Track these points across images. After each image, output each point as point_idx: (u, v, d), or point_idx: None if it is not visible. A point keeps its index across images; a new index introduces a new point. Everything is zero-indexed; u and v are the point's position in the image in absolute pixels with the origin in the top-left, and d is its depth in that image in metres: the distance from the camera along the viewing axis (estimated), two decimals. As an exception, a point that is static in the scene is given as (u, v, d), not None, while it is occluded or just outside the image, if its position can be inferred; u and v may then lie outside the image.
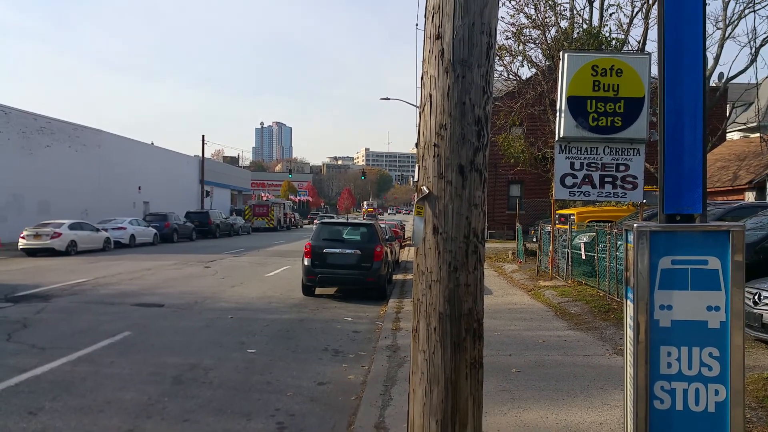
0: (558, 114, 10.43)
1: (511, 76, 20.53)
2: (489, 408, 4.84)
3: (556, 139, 10.53)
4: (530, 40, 19.04)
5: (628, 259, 2.80)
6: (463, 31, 3.05)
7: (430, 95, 3.15)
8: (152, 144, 48.65)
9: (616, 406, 5.38)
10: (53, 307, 10.70)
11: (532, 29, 18.82)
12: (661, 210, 2.71)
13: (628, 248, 2.77)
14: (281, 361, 7.39)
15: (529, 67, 20.30)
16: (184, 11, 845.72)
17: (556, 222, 15.12)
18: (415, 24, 25.90)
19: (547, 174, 20.45)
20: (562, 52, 10.68)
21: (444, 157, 3.08)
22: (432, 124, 3.14)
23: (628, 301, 2.80)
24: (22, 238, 22.13)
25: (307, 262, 12.64)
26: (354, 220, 16.33)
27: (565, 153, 10.56)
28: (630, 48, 19.44)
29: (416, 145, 3.35)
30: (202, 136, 49.94)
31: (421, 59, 3.29)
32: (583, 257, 12.52)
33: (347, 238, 13.21)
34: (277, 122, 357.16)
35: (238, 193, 69.58)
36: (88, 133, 35.68)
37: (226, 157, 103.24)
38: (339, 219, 23.67)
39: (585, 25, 19.39)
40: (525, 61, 19.52)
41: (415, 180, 3.36)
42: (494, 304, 11.18)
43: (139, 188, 40.95)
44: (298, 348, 8.12)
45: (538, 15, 18.55)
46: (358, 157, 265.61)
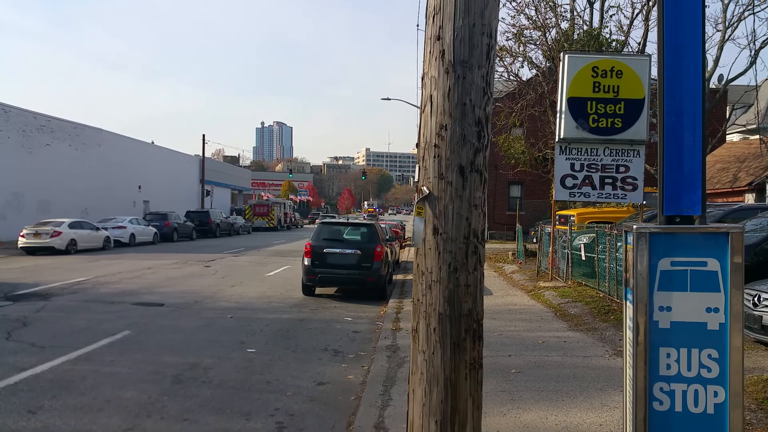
0: (558, 115, 10.44)
1: (512, 77, 20.56)
2: (488, 408, 4.84)
3: (557, 140, 10.53)
4: (531, 41, 19.07)
5: (627, 260, 2.80)
6: (464, 32, 3.05)
7: (431, 96, 3.15)
8: (152, 143, 48.67)
9: (616, 407, 5.39)
10: (53, 306, 10.71)
11: (532, 30, 18.86)
12: (661, 211, 2.72)
13: (628, 249, 2.77)
14: (281, 360, 7.40)
15: (529, 68, 20.35)
16: (184, 11, 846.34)
17: (556, 223, 15.13)
18: (416, 25, 25.95)
19: (547, 175, 20.45)
20: (562, 54, 10.69)
21: (444, 158, 3.08)
22: (432, 124, 3.14)
23: (628, 303, 2.80)
24: (22, 236, 22.14)
25: (307, 262, 12.65)
26: (354, 220, 16.32)
27: (566, 154, 10.57)
28: (630, 49, 19.45)
29: (417, 146, 3.36)
30: (203, 136, 50.01)
31: (422, 60, 3.29)
32: (583, 258, 12.53)
33: (347, 238, 13.22)
34: (277, 122, 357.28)
35: (239, 193, 69.58)
36: (89, 132, 35.70)
37: (227, 157, 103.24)
38: (340, 219, 23.65)
39: (585, 27, 19.39)
40: (525, 62, 19.56)
41: (416, 180, 3.36)
42: (494, 305, 11.19)
43: (140, 187, 40.96)
44: (298, 348, 8.13)
45: (539, 16, 18.57)
46: (358, 157, 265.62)
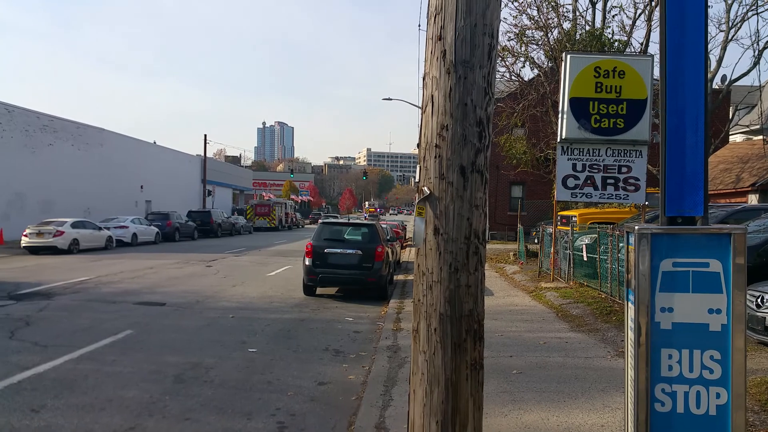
0: (560, 115, 10.41)
1: (514, 78, 20.51)
2: (489, 409, 4.83)
3: (558, 140, 10.51)
4: (533, 42, 19.01)
5: (629, 261, 2.79)
6: (465, 33, 3.05)
7: (432, 96, 3.15)
8: (154, 143, 48.73)
9: (618, 408, 5.38)
10: (56, 305, 10.73)
11: (534, 30, 18.80)
12: (663, 212, 2.71)
13: (629, 250, 2.77)
14: (282, 360, 7.40)
15: (531, 68, 20.28)
16: (186, 11, 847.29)
17: (558, 223, 15.11)
18: (418, 25, 25.94)
19: (548, 175, 20.41)
20: (564, 54, 10.66)
21: (445, 158, 3.08)
22: (433, 124, 3.13)
23: (629, 303, 2.79)
24: (25, 236, 22.18)
25: (308, 262, 12.65)
26: (355, 220, 16.33)
27: (567, 154, 10.54)
28: (632, 50, 19.40)
29: (418, 146, 3.35)
30: (204, 136, 49.97)
31: (423, 60, 3.29)
32: (585, 259, 12.51)
33: (348, 238, 13.21)
34: (279, 122, 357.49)
35: (240, 193, 69.63)
36: (91, 132, 35.76)
37: (228, 157, 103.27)
38: (341, 219, 23.64)
39: (587, 27, 19.36)
40: (527, 63, 19.49)
41: (417, 181, 3.35)
42: (495, 306, 11.18)
43: (142, 187, 41.02)
44: (299, 348, 8.13)
45: (541, 16, 18.52)
46: (359, 158, 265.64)
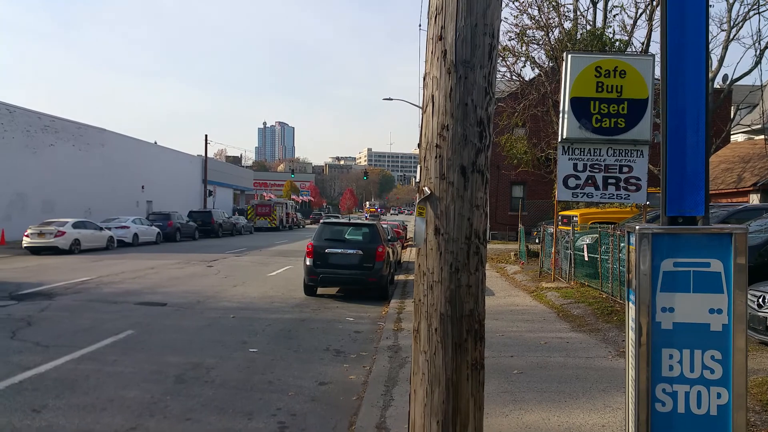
0: (561, 115, 10.40)
1: (515, 77, 20.49)
2: (490, 409, 4.83)
3: (559, 140, 10.49)
4: (534, 41, 19.00)
5: (629, 261, 2.79)
6: (466, 32, 3.04)
7: (433, 96, 3.14)
8: (155, 143, 48.76)
9: (619, 408, 5.37)
10: (57, 305, 10.74)
11: (535, 30, 18.78)
12: (663, 212, 2.70)
13: (630, 250, 2.76)
14: (283, 360, 7.40)
15: (532, 68, 20.26)
16: (186, 11, 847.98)
17: (559, 223, 15.10)
18: (418, 24, 25.93)
19: (549, 175, 20.40)
20: (565, 53, 10.64)
21: (446, 158, 3.08)
22: (434, 125, 3.13)
23: (630, 303, 2.79)
24: (26, 236, 22.20)
25: (309, 262, 12.65)
26: (356, 221, 16.33)
27: (568, 154, 10.53)
28: (633, 49, 19.38)
29: (418, 146, 3.35)
30: (205, 136, 49.97)
31: (424, 60, 3.28)
32: (586, 259, 12.51)
33: (349, 238, 13.21)
34: (279, 122, 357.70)
35: (241, 193, 69.67)
36: (92, 132, 35.79)
37: (229, 157, 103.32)
38: (342, 219, 23.62)
39: (588, 27, 19.33)
40: (528, 62, 19.48)
41: (417, 181, 3.35)
42: (496, 306, 11.18)
43: (143, 187, 41.05)
44: (300, 348, 8.13)
45: (542, 16, 18.50)
46: (360, 158, 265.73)
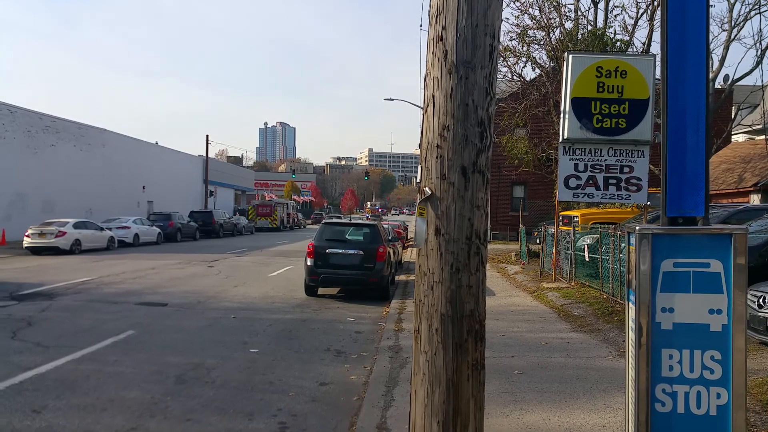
0: (562, 115, 10.39)
1: (515, 78, 20.48)
2: (491, 410, 4.83)
3: (560, 140, 10.49)
4: (534, 41, 19.00)
5: (629, 261, 2.80)
6: (467, 33, 3.05)
7: (433, 96, 3.15)
8: (156, 143, 48.82)
9: (619, 408, 5.37)
10: (57, 306, 10.74)
11: (536, 30, 18.78)
12: (664, 212, 2.71)
13: (630, 250, 2.77)
14: (283, 361, 7.40)
15: (533, 68, 20.26)
16: (188, 11, 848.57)
17: (560, 223, 15.10)
18: (419, 25, 25.96)
19: (550, 175, 20.40)
20: (566, 54, 10.64)
21: (447, 159, 3.08)
22: (435, 125, 3.13)
23: (630, 304, 2.79)
24: (27, 236, 22.21)
25: (309, 263, 12.65)
26: (357, 221, 16.33)
27: (569, 154, 10.52)
28: (635, 49, 19.38)
29: (419, 146, 3.35)
30: (206, 136, 49.98)
31: (425, 60, 3.29)
32: (587, 259, 12.50)
33: (350, 238, 13.21)
34: (280, 122, 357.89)
35: (242, 193, 69.69)
36: (93, 133, 35.82)
37: (230, 157, 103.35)
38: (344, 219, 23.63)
39: (590, 27, 19.33)
40: (529, 63, 19.49)
41: (418, 181, 3.35)
42: (497, 306, 11.17)
43: (143, 187, 41.07)
44: (301, 348, 8.13)
45: (543, 16, 18.51)
46: (361, 158, 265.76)
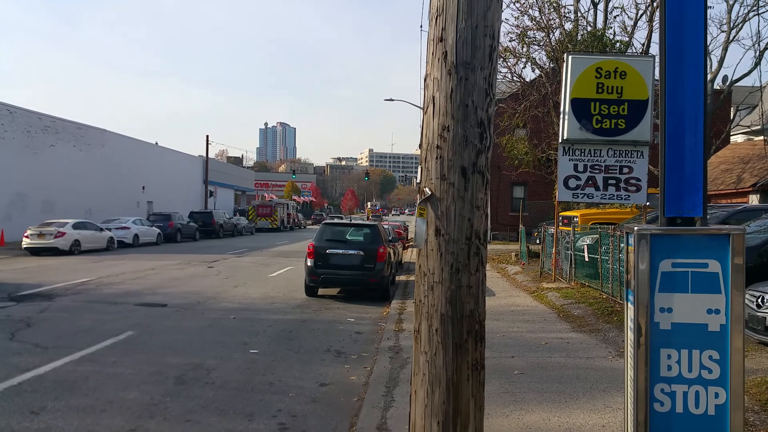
0: (561, 116, 10.41)
1: (515, 78, 20.51)
2: (491, 410, 4.84)
3: (560, 141, 10.50)
4: (534, 42, 19.03)
5: (628, 261, 2.81)
6: (466, 34, 3.06)
7: (433, 97, 3.16)
8: (156, 144, 48.81)
9: (619, 408, 5.37)
10: (57, 307, 10.74)
11: (536, 31, 18.82)
12: (662, 213, 2.72)
13: (629, 251, 2.78)
14: (283, 361, 7.40)
15: (533, 69, 20.30)
16: (188, 11, 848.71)
17: (560, 224, 15.11)
18: (420, 26, 26.01)
19: (550, 176, 20.42)
20: (566, 54, 10.66)
21: (446, 159, 3.09)
22: (435, 126, 3.14)
23: (629, 304, 2.80)
24: (26, 237, 22.19)
25: (310, 263, 12.66)
26: (358, 221, 16.35)
27: (569, 155, 10.54)
28: (634, 50, 19.41)
29: (419, 147, 3.36)
30: (206, 136, 49.95)
31: (425, 61, 3.30)
32: (587, 259, 12.51)
33: (350, 239, 13.21)
34: (281, 123, 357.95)
35: (242, 194, 69.68)
36: (93, 133, 35.81)
37: (230, 158, 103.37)
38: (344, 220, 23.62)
39: (589, 28, 19.36)
40: (529, 63, 19.53)
41: (418, 182, 3.36)
42: (497, 306, 11.18)
43: (143, 188, 41.07)
44: (301, 349, 8.13)
45: (543, 17, 18.54)
46: (361, 158, 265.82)
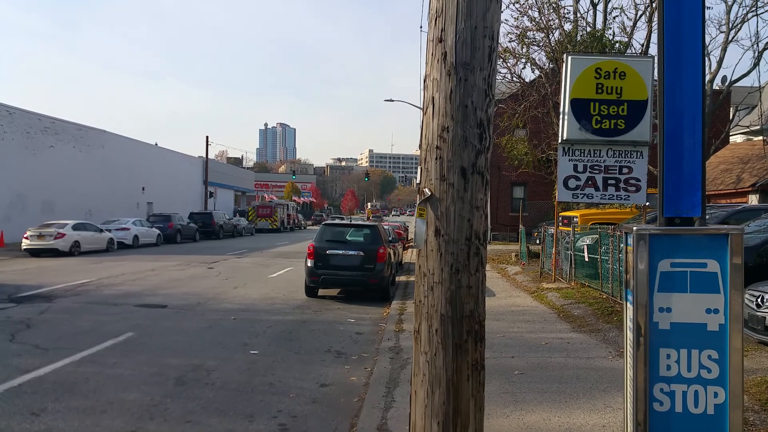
0: (561, 116, 10.41)
1: (515, 79, 20.53)
2: (491, 410, 4.84)
3: (559, 141, 10.50)
4: (534, 43, 19.04)
5: (627, 261, 2.81)
6: (466, 35, 3.06)
7: (433, 98, 3.16)
8: (156, 145, 48.80)
9: (619, 408, 5.38)
10: (57, 308, 10.74)
11: (535, 32, 18.83)
12: (661, 213, 2.73)
13: (628, 251, 2.78)
14: (284, 362, 7.41)
15: (532, 69, 20.33)
16: (188, 11, 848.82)
17: (559, 224, 15.11)
18: (419, 26, 26.01)
19: (550, 176, 20.44)
20: (565, 55, 10.66)
21: (446, 160, 3.09)
22: (434, 126, 3.15)
23: (628, 304, 2.81)
24: (26, 238, 22.18)
25: (310, 264, 12.66)
26: (358, 221, 16.36)
27: (568, 155, 10.54)
28: (633, 51, 19.42)
29: (419, 147, 3.37)
30: (206, 137, 49.85)
31: (425, 62, 3.30)
32: (586, 259, 12.52)
33: (350, 239, 13.21)
34: (281, 123, 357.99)
35: (242, 194, 69.67)
36: (92, 134, 35.82)
37: (230, 158, 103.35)
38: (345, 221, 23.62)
39: (588, 28, 19.37)
40: (529, 64, 19.53)
41: (418, 182, 3.37)
42: (497, 306, 11.18)
43: (143, 189, 41.07)
44: (301, 349, 8.14)
45: (542, 18, 18.55)
46: (361, 159, 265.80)
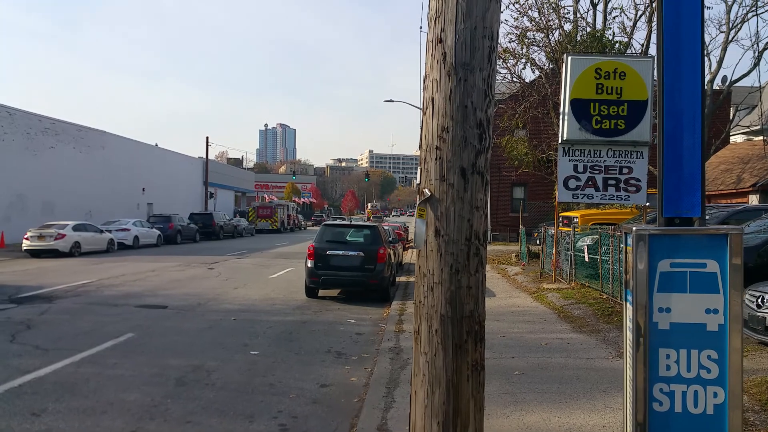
0: (561, 117, 10.41)
1: (515, 79, 20.53)
2: (491, 410, 4.84)
3: (560, 141, 10.51)
4: (534, 43, 19.05)
5: (627, 261, 2.81)
6: (465, 35, 3.07)
7: (432, 98, 3.17)
8: (156, 145, 48.82)
9: (619, 408, 5.38)
10: (57, 309, 10.75)
11: (535, 32, 18.84)
12: (660, 213, 2.73)
13: (627, 251, 2.78)
14: (284, 363, 7.41)
15: (532, 69, 20.36)
16: (188, 11, 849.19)
17: (560, 224, 15.12)
18: (419, 27, 26.04)
19: (550, 176, 20.45)
20: (565, 55, 10.66)
21: (446, 160, 3.10)
22: (434, 127, 3.15)
23: (628, 304, 2.81)
24: (26, 239, 22.19)
25: (310, 264, 12.66)
26: (358, 222, 16.37)
27: (569, 155, 10.54)
28: (633, 51, 19.43)
29: (419, 148, 3.37)
30: (206, 138, 49.87)
31: (424, 62, 3.31)
32: (587, 260, 12.52)
33: (350, 240, 13.22)
34: (281, 124, 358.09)
35: (242, 195, 69.69)
36: (93, 135, 35.83)
37: (230, 159, 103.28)
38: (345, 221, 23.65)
39: (588, 29, 19.38)
40: (529, 64, 19.54)
41: (418, 182, 3.37)
42: (497, 307, 11.18)
43: (143, 189, 41.08)
44: (301, 350, 8.14)
45: (542, 18, 18.56)
46: (361, 159, 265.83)
